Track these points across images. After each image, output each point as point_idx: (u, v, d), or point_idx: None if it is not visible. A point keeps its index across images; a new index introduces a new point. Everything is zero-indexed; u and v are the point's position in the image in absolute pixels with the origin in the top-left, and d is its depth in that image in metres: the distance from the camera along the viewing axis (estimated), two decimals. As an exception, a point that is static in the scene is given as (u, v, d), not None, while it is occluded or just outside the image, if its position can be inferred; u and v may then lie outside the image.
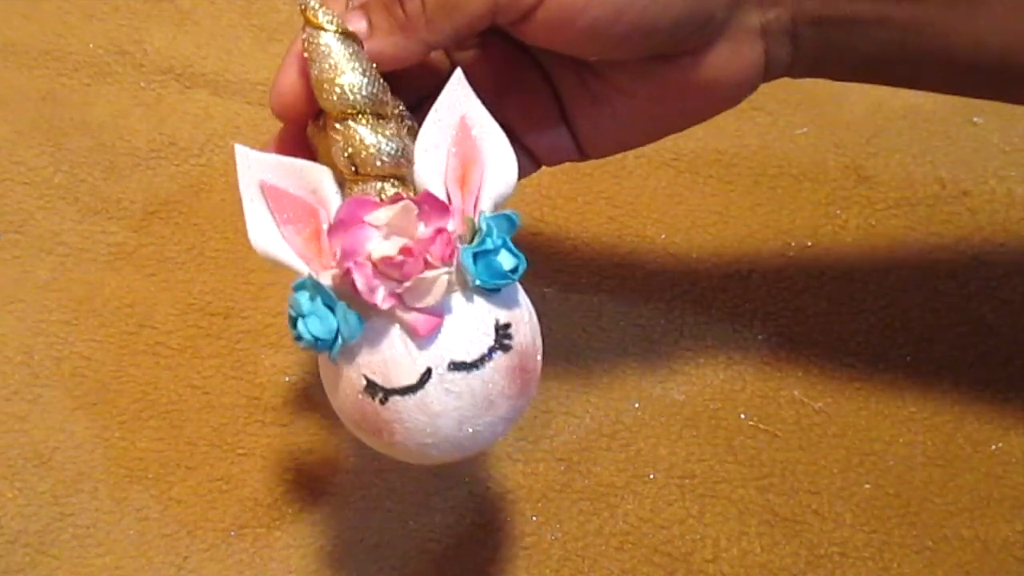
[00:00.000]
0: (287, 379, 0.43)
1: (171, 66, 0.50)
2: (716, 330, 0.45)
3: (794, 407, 0.44)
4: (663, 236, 0.47)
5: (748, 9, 0.33)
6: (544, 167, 0.37)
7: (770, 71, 0.34)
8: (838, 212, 0.48)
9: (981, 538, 0.41)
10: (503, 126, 0.35)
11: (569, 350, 0.44)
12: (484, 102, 0.33)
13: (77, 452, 0.42)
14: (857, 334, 0.45)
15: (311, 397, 0.43)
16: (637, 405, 0.44)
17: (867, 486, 0.42)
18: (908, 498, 0.42)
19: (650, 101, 0.34)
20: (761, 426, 0.43)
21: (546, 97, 0.36)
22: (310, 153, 0.32)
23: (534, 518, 0.41)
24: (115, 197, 0.47)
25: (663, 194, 0.49)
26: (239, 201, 0.31)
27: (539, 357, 0.32)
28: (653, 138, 0.37)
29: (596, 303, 0.45)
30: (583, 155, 0.37)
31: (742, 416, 0.43)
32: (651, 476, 0.42)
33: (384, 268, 0.29)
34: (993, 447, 0.43)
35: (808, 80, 0.36)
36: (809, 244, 0.47)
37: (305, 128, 0.33)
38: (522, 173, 0.35)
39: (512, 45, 0.35)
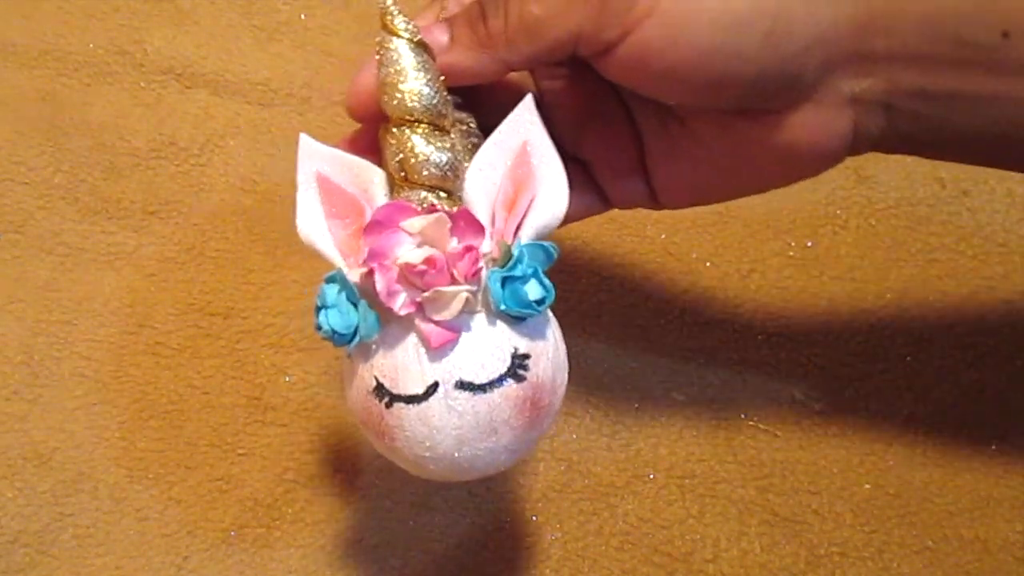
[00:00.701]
0: (287, 379, 0.43)
1: (171, 66, 0.50)
2: (716, 330, 0.45)
3: (794, 407, 0.44)
4: (663, 236, 0.47)
5: (840, 76, 0.31)
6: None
7: (858, 143, 0.32)
8: (838, 212, 0.48)
9: (981, 538, 0.41)
10: (580, 161, 0.35)
11: (569, 350, 0.44)
12: (561, 133, 0.33)
13: (77, 452, 0.42)
14: (857, 334, 0.45)
15: (311, 397, 0.43)
16: (637, 405, 0.44)
17: (867, 486, 0.42)
18: (908, 498, 0.42)
19: (728, 157, 0.33)
20: (761, 426, 0.43)
21: (627, 139, 0.35)
22: (378, 156, 0.32)
23: (534, 518, 0.41)
24: (115, 197, 0.47)
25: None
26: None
27: (558, 394, 0.32)
28: (728, 196, 0.36)
29: (596, 303, 0.45)
30: (656, 203, 0.36)
31: (742, 416, 0.43)
32: (651, 476, 0.42)
33: (408, 275, 0.29)
34: (992, 447, 0.43)
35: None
36: (809, 244, 0.47)
37: (377, 132, 0.33)
38: (590, 212, 0.36)
39: (601, 82, 0.34)
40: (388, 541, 0.41)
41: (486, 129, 0.33)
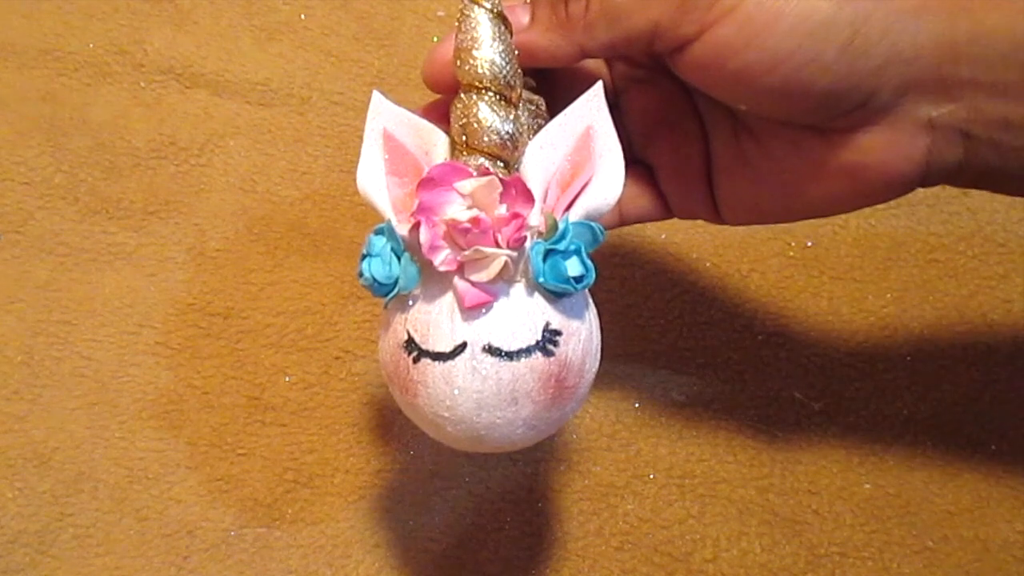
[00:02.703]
0: (287, 379, 0.43)
1: (171, 66, 0.50)
2: (716, 330, 0.45)
3: (794, 407, 0.44)
4: (663, 236, 0.47)
5: (918, 99, 0.30)
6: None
7: (931, 173, 0.31)
8: (838, 212, 0.48)
9: (981, 538, 0.41)
10: (647, 165, 0.35)
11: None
12: (632, 135, 0.33)
13: (77, 452, 0.42)
14: (857, 334, 0.45)
15: (311, 397, 0.43)
16: (637, 405, 0.44)
17: (867, 486, 0.42)
18: (908, 498, 0.42)
19: (796, 175, 0.33)
20: (761, 426, 0.43)
21: (696, 149, 0.35)
22: (448, 125, 0.33)
23: (534, 518, 0.41)
24: (115, 197, 0.47)
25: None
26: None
27: (585, 379, 0.32)
28: (790, 217, 0.35)
29: (596, 303, 0.45)
30: (717, 217, 0.36)
31: (742, 416, 0.43)
32: (651, 476, 0.42)
33: (453, 232, 0.29)
34: (993, 447, 0.43)
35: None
36: (809, 244, 0.47)
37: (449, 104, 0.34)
38: (650, 216, 0.36)
39: (677, 87, 0.34)
40: (388, 541, 0.41)
41: (557, 114, 0.33)
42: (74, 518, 0.41)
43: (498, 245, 0.30)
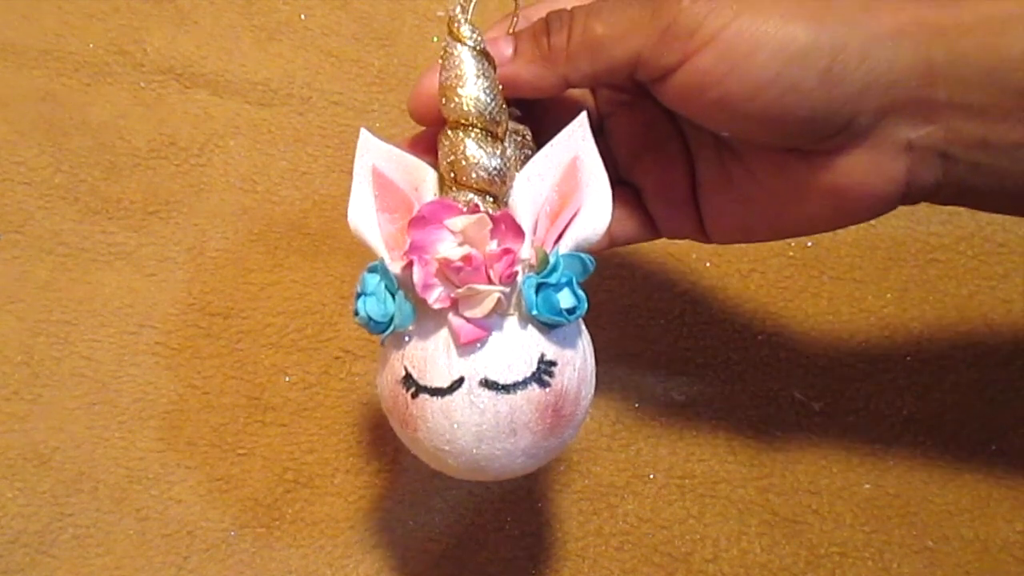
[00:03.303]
0: (287, 379, 0.43)
1: (171, 66, 0.50)
2: (716, 330, 0.45)
3: (794, 407, 0.44)
4: (663, 236, 0.47)
5: (897, 121, 0.30)
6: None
7: (912, 192, 0.32)
8: (838, 212, 0.48)
9: (981, 538, 0.41)
10: (633, 186, 0.36)
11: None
12: (617, 158, 0.33)
13: (77, 452, 0.42)
14: (857, 334, 0.45)
15: (311, 397, 0.43)
16: (637, 405, 0.44)
17: (867, 486, 0.42)
18: (908, 498, 0.42)
19: (779, 196, 0.33)
20: (761, 426, 0.43)
21: (681, 169, 0.36)
22: (435, 158, 0.33)
23: (534, 518, 0.41)
24: (115, 197, 0.47)
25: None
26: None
27: (581, 406, 0.32)
28: (777, 236, 0.36)
29: (596, 303, 0.45)
30: (705, 236, 0.36)
31: (742, 416, 0.43)
32: (651, 476, 0.42)
33: (445, 270, 0.30)
34: (993, 447, 0.43)
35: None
36: (809, 244, 0.47)
37: (436, 134, 0.34)
38: (637, 238, 0.36)
39: (661, 111, 0.35)
40: (388, 541, 0.41)
41: (542, 143, 0.33)
42: (74, 518, 0.41)
43: (490, 281, 0.30)
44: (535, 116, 0.35)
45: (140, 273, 0.45)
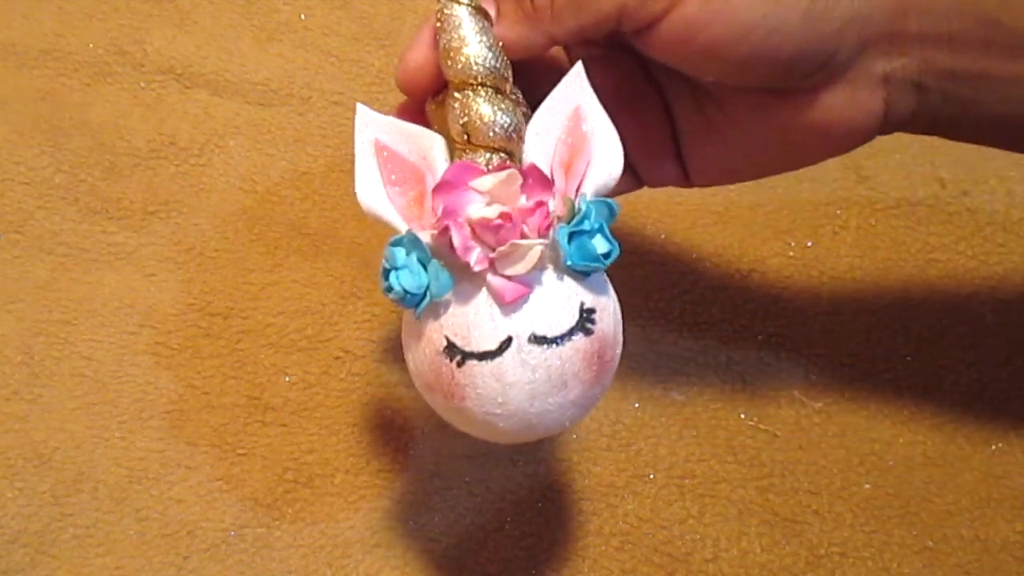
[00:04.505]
0: (287, 379, 0.43)
1: (171, 66, 0.50)
2: (716, 330, 0.45)
3: (794, 407, 0.44)
4: (663, 236, 0.47)
5: (874, 55, 0.32)
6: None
7: (888, 122, 0.33)
8: (838, 212, 0.48)
9: (981, 538, 0.41)
10: None
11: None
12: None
13: (77, 452, 0.42)
14: (857, 334, 0.45)
15: (311, 397, 0.43)
16: (637, 405, 0.44)
17: (867, 486, 0.42)
18: (908, 498, 0.42)
19: (762, 136, 0.34)
20: (761, 426, 0.43)
21: (660, 120, 0.36)
22: (427, 127, 0.33)
23: (534, 518, 0.41)
24: (115, 197, 0.47)
25: (663, 194, 0.49)
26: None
27: (618, 350, 0.32)
28: (760, 174, 0.36)
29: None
30: (688, 182, 0.37)
31: (742, 416, 0.43)
32: (651, 476, 0.42)
33: (481, 231, 0.30)
34: (993, 447, 0.43)
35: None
36: (809, 244, 0.47)
37: (424, 104, 0.34)
38: (623, 189, 0.36)
39: (635, 63, 0.35)
40: (388, 541, 0.41)
41: (529, 101, 0.33)
42: (74, 518, 0.41)
43: (525, 236, 0.30)
44: (517, 76, 0.34)
45: (140, 273, 0.45)
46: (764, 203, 0.48)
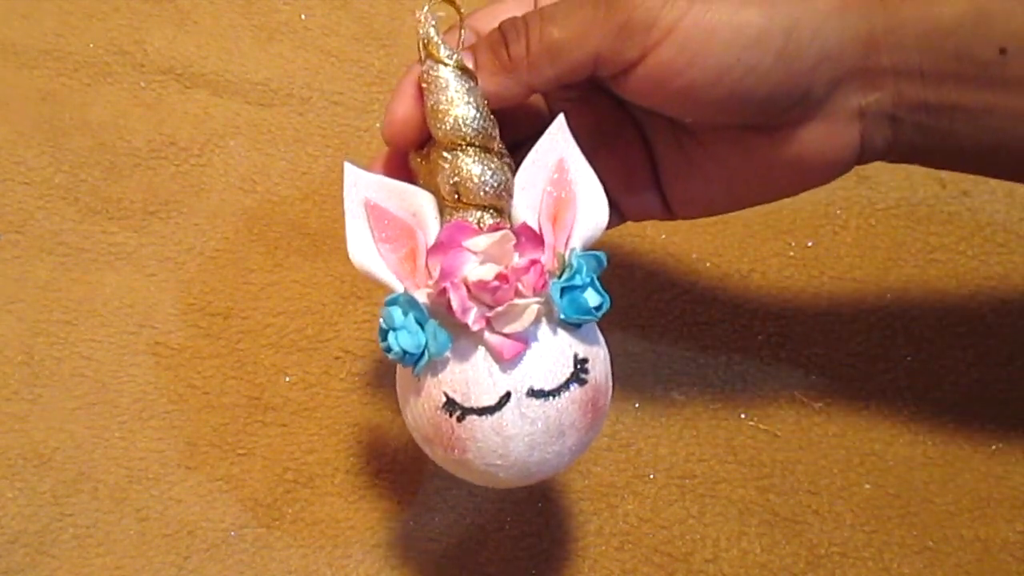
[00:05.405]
0: (287, 379, 0.43)
1: (171, 66, 0.50)
2: (716, 330, 0.45)
3: (794, 407, 0.44)
4: (663, 236, 0.47)
5: (848, 90, 0.32)
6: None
7: (865, 154, 0.34)
8: (838, 212, 0.48)
9: (981, 538, 0.41)
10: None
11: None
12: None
13: (77, 452, 0.42)
14: (857, 334, 0.45)
15: (311, 397, 0.43)
16: (637, 405, 0.44)
17: (867, 486, 0.42)
18: (908, 498, 0.42)
19: (741, 171, 0.35)
20: (761, 426, 0.43)
21: (640, 157, 0.36)
22: (410, 179, 0.34)
23: (534, 518, 0.41)
24: (115, 197, 0.47)
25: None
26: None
27: (609, 395, 0.33)
28: (741, 206, 0.37)
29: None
30: (670, 215, 0.37)
31: (742, 416, 0.43)
32: (651, 476, 0.42)
33: (477, 292, 0.30)
34: (993, 447, 0.43)
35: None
36: (809, 244, 0.47)
37: (406, 155, 0.34)
38: (606, 226, 0.36)
39: (612, 102, 0.35)
40: (388, 541, 0.41)
41: (511, 151, 0.33)
42: (74, 518, 0.41)
43: (519, 294, 0.30)
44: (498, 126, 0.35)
45: (140, 273, 0.45)
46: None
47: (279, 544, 0.41)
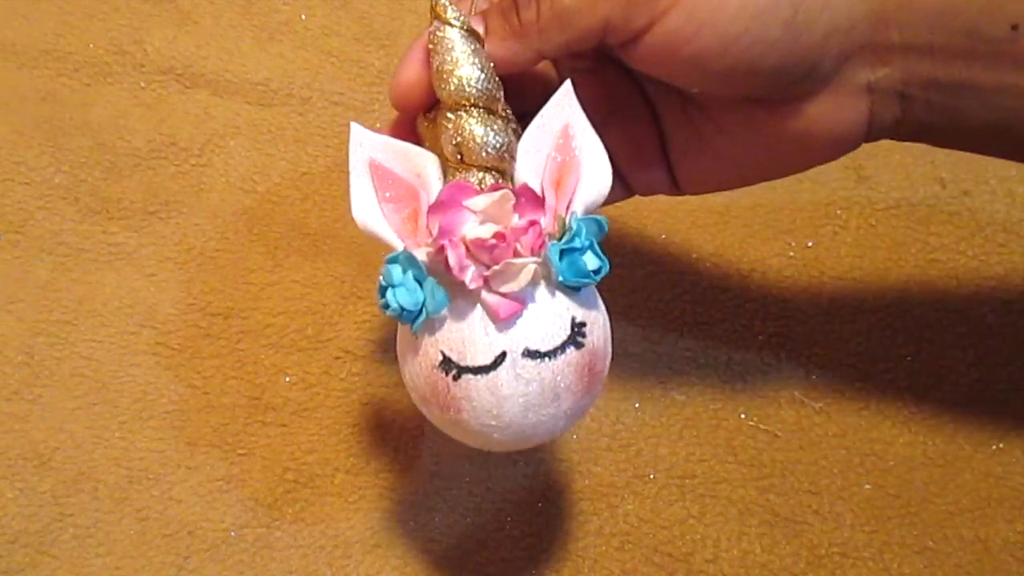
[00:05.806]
0: (287, 379, 0.43)
1: (171, 66, 0.50)
2: (716, 330, 0.45)
3: (794, 407, 0.44)
4: (663, 236, 0.47)
5: (857, 65, 0.32)
6: None
7: (873, 131, 0.34)
8: (838, 212, 0.48)
9: (981, 538, 0.41)
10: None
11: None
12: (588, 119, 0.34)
13: (77, 452, 0.42)
14: (857, 334, 0.45)
15: (311, 397, 0.43)
16: (637, 405, 0.44)
17: (867, 486, 0.42)
18: (908, 498, 0.42)
19: (749, 145, 0.35)
20: (761, 426, 0.43)
21: (648, 130, 0.36)
22: (418, 143, 0.34)
23: (534, 518, 0.41)
24: (115, 197, 0.47)
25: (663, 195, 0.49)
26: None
27: (607, 361, 0.33)
28: (748, 182, 0.37)
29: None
30: (677, 190, 0.37)
31: (742, 416, 0.43)
32: (651, 476, 0.42)
33: (475, 250, 0.30)
34: (993, 447, 0.43)
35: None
36: (809, 244, 0.47)
37: (415, 120, 0.34)
38: (614, 199, 0.36)
39: (622, 74, 0.35)
40: (388, 541, 0.41)
41: (518, 115, 0.34)
42: (74, 518, 0.41)
43: (518, 254, 0.30)
44: (507, 94, 0.35)
45: (140, 273, 0.45)
46: (764, 203, 0.48)
47: (279, 544, 0.41)
